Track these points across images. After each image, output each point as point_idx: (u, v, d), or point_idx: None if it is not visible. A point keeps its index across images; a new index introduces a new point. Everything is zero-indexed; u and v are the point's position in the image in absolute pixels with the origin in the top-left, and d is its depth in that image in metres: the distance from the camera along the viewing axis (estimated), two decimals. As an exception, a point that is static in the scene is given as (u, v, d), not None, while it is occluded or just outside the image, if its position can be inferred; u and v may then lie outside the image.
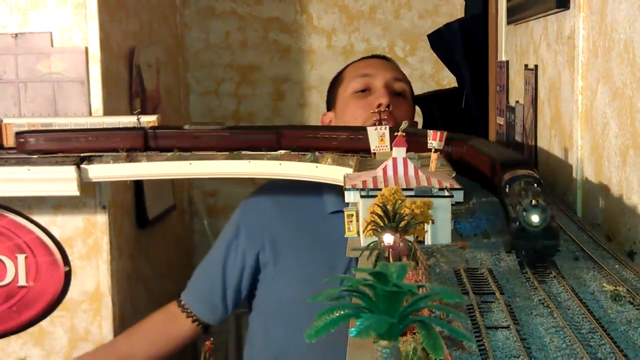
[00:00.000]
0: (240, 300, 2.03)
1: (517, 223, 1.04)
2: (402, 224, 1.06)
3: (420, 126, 2.44)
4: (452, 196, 1.25)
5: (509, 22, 2.24)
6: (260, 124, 3.07)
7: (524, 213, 1.03)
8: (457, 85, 2.85)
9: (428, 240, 1.22)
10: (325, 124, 2.12)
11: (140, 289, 2.44)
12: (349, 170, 1.59)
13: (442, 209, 1.24)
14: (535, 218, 1.03)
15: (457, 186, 1.27)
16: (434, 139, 1.48)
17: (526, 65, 2.02)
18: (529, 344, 0.82)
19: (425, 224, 1.20)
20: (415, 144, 1.54)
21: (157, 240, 2.68)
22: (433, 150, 1.46)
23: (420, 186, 1.26)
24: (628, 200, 1.33)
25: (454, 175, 1.41)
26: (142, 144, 1.78)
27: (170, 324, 2.03)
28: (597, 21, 1.50)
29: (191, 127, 1.87)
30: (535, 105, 1.94)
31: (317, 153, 1.76)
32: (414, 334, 0.81)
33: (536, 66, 1.93)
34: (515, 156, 1.51)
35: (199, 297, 2.02)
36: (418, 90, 2.24)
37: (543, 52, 1.89)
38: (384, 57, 2.23)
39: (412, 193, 1.22)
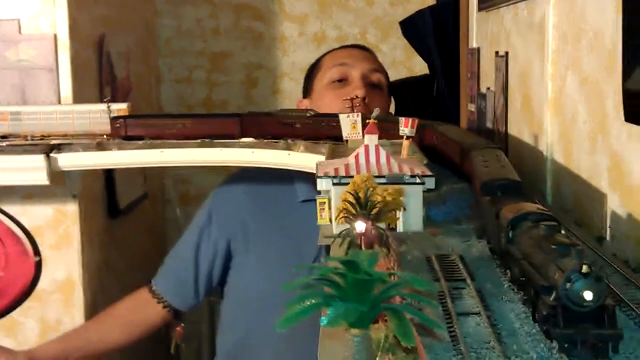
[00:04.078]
0: (211, 288, 2.04)
1: (554, 298, 0.74)
2: (374, 211, 1.06)
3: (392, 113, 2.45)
4: (423, 183, 1.26)
5: (480, 9, 2.25)
6: (233, 112, 3.05)
7: (569, 285, 0.73)
8: (428, 72, 2.86)
9: (400, 227, 1.22)
10: (301, 112, 2.12)
11: (112, 278, 2.43)
12: (322, 158, 1.59)
13: (413, 196, 1.24)
14: (588, 295, 0.73)
15: (428, 173, 1.28)
16: (406, 126, 1.48)
17: (497, 52, 2.03)
18: (499, 330, 0.83)
19: (397, 211, 1.20)
20: (387, 131, 1.55)
21: (128, 228, 2.66)
22: (405, 137, 1.46)
23: (392, 173, 1.26)
24: (597, 185, 1.34)
25: (425, 162, 1.42)
26: (238, 130, 1.78)
27: (141, 309, 2.04)
28: (566, 9, 1.50)
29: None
30: (506, 92, 1.95)
31: (289, 141, 1.76)
32: (386, 321, 0.81)
33: (507, 53, 1.94)
34: (482, 141, 1.52)
35: (170, 283, 2.02)
36: (390, 77, 2.24)
37: (513, 39, 1.90)
38: (362, 47, 2.23)
39: (383, 180, 1.23)
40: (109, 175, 2.41)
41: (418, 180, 1.25)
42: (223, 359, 2.04)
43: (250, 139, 1.79)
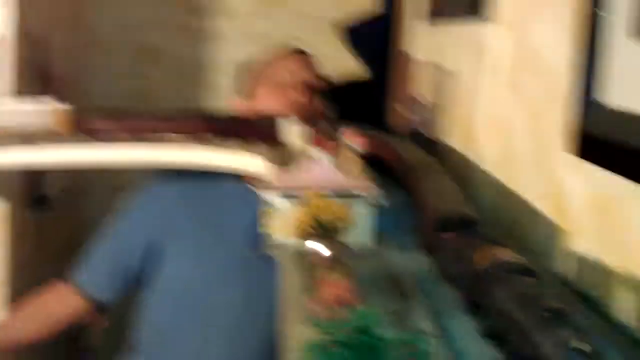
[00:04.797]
0: (132, 281, 2.01)
1: None
2: (329, 229, 1.08)
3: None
4: (372, 196, 1.28)
5: (425, 22, 2.29)
6: (166, 107, 3.00)
7: None
8: (365, 76, 2.89)
9: (350, 243, 1.24)
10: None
11: (37, 274, 2.36)
12: (258, 160, 1.58)
13: (365, 211, 1.26)
14: None
15: (376, 186, 1.30)
16: (351, 139, 1.50)
17: (435, 64, 2.07)
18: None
19: (347, 226, 1.22)
20: (331, 142, 1.56)
21: (53, 223, 2.59)
22: (350, 149, 1.48)
23: (342, 188, 1.27)
24: (535, 207, 1.39)
25: (370, 174, 1.44)
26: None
27: (61, 302, 2.00)
28: (510, 30, 1.55)
29: None
30: (443, 104, 1.99)
31: (224, 140, 1.75)
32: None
33: (445, 66, 1.98)
34: (430, 160, 1.56)
35: (91, 275, 1.99)
36: (330, 81, 2.26)
37: (454, 52, 1.95)
38: (305, 53, 2.23)
39: (334, 195, 1.24)
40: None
41: (369, 196, 1.27)
42: (141, 353, 2.02)
43: (181, 136, 1.77)
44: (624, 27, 1.02)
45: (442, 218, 1.11)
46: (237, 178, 1.90)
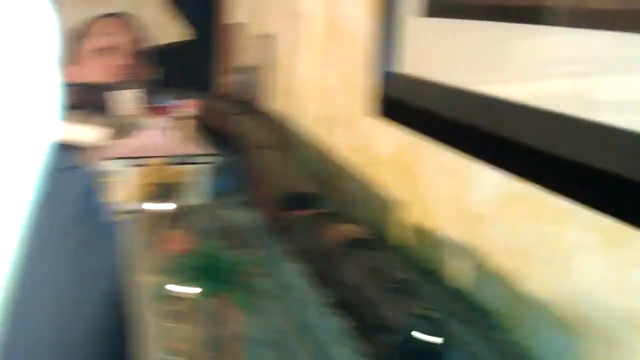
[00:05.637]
0: None
1: (395, 340, 0.74)
2: (168, 190, 1.19)
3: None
4: (209, 160, 1.40)
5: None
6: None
7: (410, 328, 0.72)
8: (191, 41, 2.96)
9: (189, 202, 1.36)
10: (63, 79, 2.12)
11: None
12: (94, 130, 1.64)
13: (200, 173, 1.38)
14: (429, 338, 0.71)
15: (211, 150, 1.42)
16: (185, 106, 1.61)
17: (257, 29, 2.20)
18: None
19: (186, 187, 1.34)
20: (165, 109, 1.65)
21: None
22: (185, 116, 1.59)
23: (177, 152, 1.39)
24: (351, 163, 1.58)
25: (204, 139, 1.55)
26: None
27: None
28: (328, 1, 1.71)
29: None
30: (267, 69, 2.14)
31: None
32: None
33: (269, 32, 2.12)
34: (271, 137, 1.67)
35: None
36: (153, 43, 2.30)
37: (276, 18, 2.09)
38: (122, 15, 2.26)
39: (170, 158, 1.35)
40: None
41: (204, 158, 1.39)
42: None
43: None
44: (415, 7, 1.20)
45: (287, 196, 1.17)
46: (74, 147, 1.92)
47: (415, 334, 0.71)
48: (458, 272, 1.09)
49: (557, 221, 0.90)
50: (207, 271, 0.82)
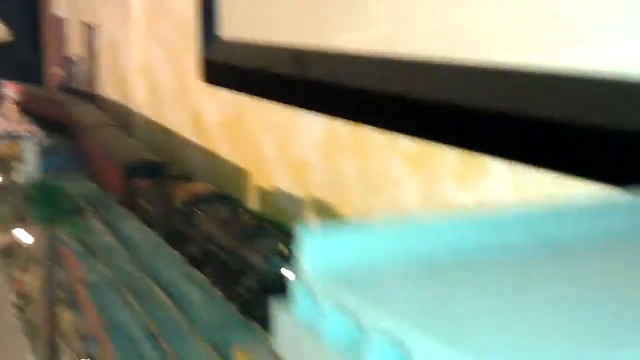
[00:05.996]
0: None
1: (257, 281, 0.76)
2: (3, 165, 1.20)
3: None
4: (34, 138, 1.42)
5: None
6: None
7: (270, 268, 0.75)
8: (12, 38, 2.89)
9: (21, 179, 1.37)
10: None
11: None
12: None
13: (28, 150, 1.39)
14: (291, 275, 0.69)
15: (37, 129, 1.44)
16: (10, 89, 1.61)
17: (82, 21, 2.20)
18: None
19: (17, 162, 1.35)
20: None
21: None
22: (9, 99, 1.59)
23: (7, 131, 1.39)
24: (182, 136, 1.64)
25: (30, 120, 1.56)
26: None
27: None
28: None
29: None
30: (95, 58, 2.15)
31: None
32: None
33: (92, 22, 2.13)
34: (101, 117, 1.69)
35: None
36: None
37: (99, 9, 2.10)
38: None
39: (4, 138, 1.36)
40: None
41: (32, 137, 1.41)
42: None
43: None
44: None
45: (130, 166, 1.18)
46: None
47: (282, 270, 0.73)
48: (291, 217, 1.18)
49: (376, 155, 0.99)
50: (45, 200, 0.85)
